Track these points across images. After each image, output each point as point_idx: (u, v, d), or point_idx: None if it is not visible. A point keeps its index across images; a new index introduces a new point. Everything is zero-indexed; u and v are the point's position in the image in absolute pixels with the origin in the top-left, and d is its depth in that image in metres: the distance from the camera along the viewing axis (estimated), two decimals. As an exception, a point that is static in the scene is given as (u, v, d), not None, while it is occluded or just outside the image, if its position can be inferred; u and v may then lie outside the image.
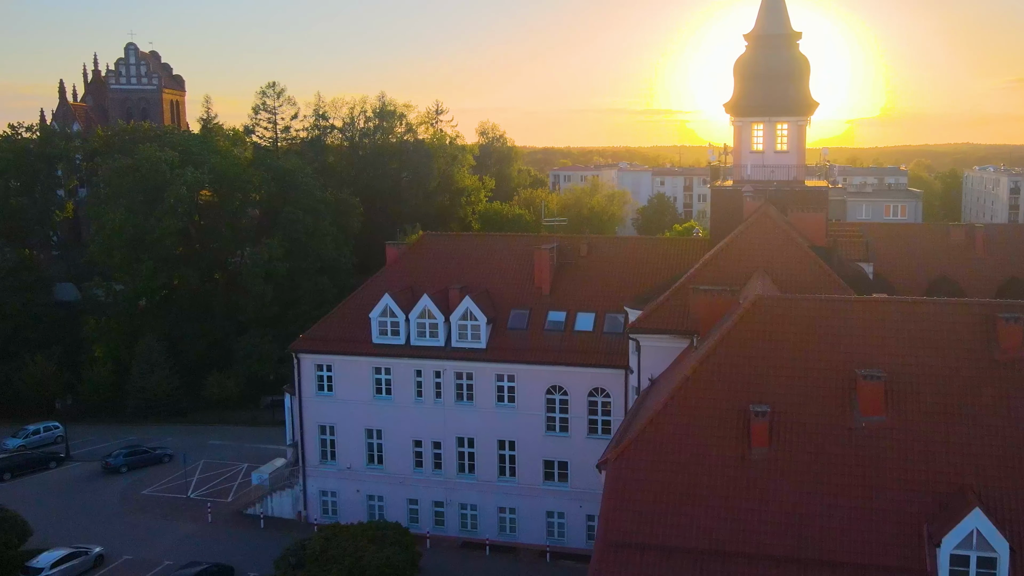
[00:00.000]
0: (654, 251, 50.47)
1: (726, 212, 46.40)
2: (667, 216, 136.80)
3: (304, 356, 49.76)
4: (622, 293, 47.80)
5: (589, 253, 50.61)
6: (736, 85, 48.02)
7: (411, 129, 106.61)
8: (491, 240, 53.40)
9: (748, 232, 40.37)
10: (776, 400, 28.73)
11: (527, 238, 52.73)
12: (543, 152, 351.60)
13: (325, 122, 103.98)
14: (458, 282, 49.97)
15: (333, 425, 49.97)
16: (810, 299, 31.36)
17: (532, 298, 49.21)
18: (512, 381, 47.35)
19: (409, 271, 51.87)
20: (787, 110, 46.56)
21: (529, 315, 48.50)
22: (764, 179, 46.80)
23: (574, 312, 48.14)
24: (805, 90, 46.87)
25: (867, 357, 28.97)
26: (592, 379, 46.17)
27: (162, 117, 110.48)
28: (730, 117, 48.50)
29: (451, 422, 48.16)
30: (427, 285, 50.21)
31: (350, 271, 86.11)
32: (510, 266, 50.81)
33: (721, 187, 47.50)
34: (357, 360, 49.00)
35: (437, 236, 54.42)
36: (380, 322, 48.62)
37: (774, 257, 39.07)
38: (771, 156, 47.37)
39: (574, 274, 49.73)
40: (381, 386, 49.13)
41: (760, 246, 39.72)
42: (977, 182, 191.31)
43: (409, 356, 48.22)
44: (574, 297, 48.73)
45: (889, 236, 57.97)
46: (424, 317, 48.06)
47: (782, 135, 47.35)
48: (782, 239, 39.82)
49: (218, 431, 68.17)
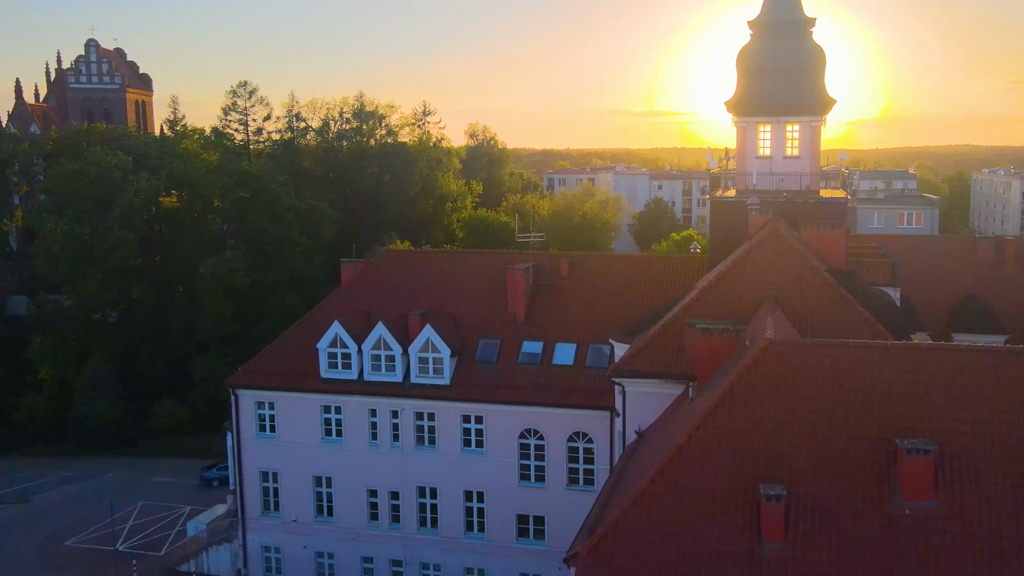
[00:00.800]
0: (645, 271, 44.03)
1: (728, 227, 40.01)
2: (665, 222, 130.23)
3: (243, 392, 43.31)
4: (608, 321, 41.38)
5: (571, 273, 44.21)
6: (739, 80, 41.61)
7: (391, 131, 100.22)
8: (459, 258, 46.93)
9: (754, 253, 33.90)
10: (793, 478, 22.44)
11: (500, 256, 46.33)
12: (542, 154, 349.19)
13: (300, 124, 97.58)
14: (420, 306, 43.59)
15: (276, 471, 43.51)
16: (835, 345, 24.91)
17: (504, 326, 42.81)
18: (480, 423, 40.94)
19: (365, 293, 45.47)
20: (799, 108, 40.13)
21: (500, 346, 42.09)
22: (772, 188, 40.38)
23: (552, 343, 41.74)
24: (820, 85, 40.44)
25: (910, 422, 22.65)
26: (572, 422, 39.76)
27: (126, 118, 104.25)
28: (732, 117, 42.10)
29: (411, 469, 41.72)
30: (385, 310, 43.85)
31: (322, 284, 79.75)
32: (480, 288, 44.42)
33: (722, 198, 41.08)
34: (303, 397, 42.59)
35: (399, 253, 48.10)
36: (329, 353, 42.22)
37: (786, 284, 32.60)
38: (780, 162, 40.95)
39: (553, 298, 43.32)
40: (331, 427, 42.71)
41: (769, 270, 33.24)
42: (986, 185, 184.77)
43: (362, 393, 41.81)
44: (552, 325, 42.33)
45: (908, 250, 51.90)
46: (379, 348, 41.67)
47: (793, 137, 40.93)
48: (795, 261, 33.33)
49: (166, 465, 61.71)
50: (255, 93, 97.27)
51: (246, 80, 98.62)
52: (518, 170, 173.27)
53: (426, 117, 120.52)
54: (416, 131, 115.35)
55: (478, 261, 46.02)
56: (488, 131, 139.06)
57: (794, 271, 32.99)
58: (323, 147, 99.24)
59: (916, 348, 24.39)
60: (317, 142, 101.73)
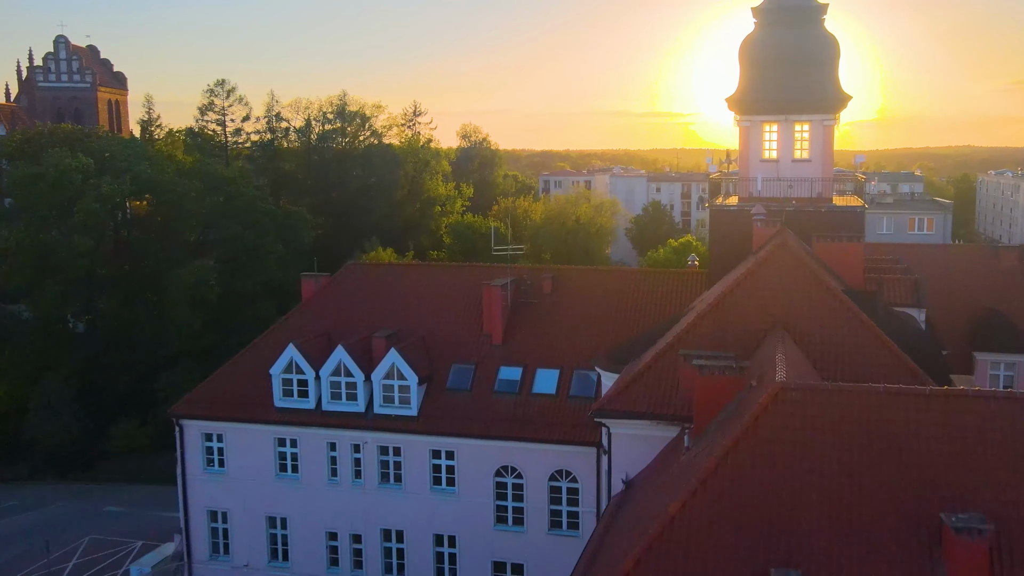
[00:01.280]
0: (637, 287, 39.57)
1: (729, 240, 35.56)
2: (663, 226, 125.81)
3: (188, 423, 38.87)
4: (595, 344, 36.98)
5: (554, 290, 39.76)
6: (742, 74, 37.18)
7: (375, 133, 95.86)
8: (431, 272, 42.38)
9: (760, 270, 29.44)
10: (813, 560, 18.03)
11: (476, 269, 41.82)
12: (541, 155, 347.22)
13: (281, 124, 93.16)
14: (386, 326, 39.15)
15: (226, 511, 39.03)
16: (862, 391, 20.42)
17: (479, 349, 38.35)
18: (452, 459, 36.48)
19: (327, 312, 41.05)
20: (809, 105, 35.70)
21: (474, 372, 37.63)
22: (779, 196, 35.96)
23: (532, 368, 37.29)
24: (833, 79, 35.98)
25: (959, 492, 18.26)
26: (554, 459, 35.31)
27: (97, 118, 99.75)
28: (734, 116, 37.68)
29: (374, 510, 37.27)
30: (347, 330, 39.44)
31: (299, 294, 75.07)
32: (453, 306, 39.99)
33: (722, 207, 36.62)
34: (255, 429, 38.13)
35: (365, 266, 43.65)
36: (283, 380, 37.77)
37: (797, 307, 28.14)
38: (788, 166, 36.52)
39: (534, 318, 38.88)
40: (286, 462, 38.27)
41: (776, 290, 28.79)
42: (993, 188, 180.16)
43: (320, 424, 37.36)
44: (533, 348, 37.89)
45: (923, 260, 47.66)
46: (339, 374, 37.21)
47: (802, 138, 36.48)
48: (807, 280, 28.86)
49: (123, 492, 57.10)
50: (234, 92, 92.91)
51: (224, 78, 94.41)
52: (512, 172, 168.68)
53: (417, 118, 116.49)
54: (406, 132, 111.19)
55: (451, 276, 41.58)
56: (480, 132, 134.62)
57: (806, 292, 28.53)
58: (304, 149, 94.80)
59: (964, 396, 19.88)
60: (301, 143, 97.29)
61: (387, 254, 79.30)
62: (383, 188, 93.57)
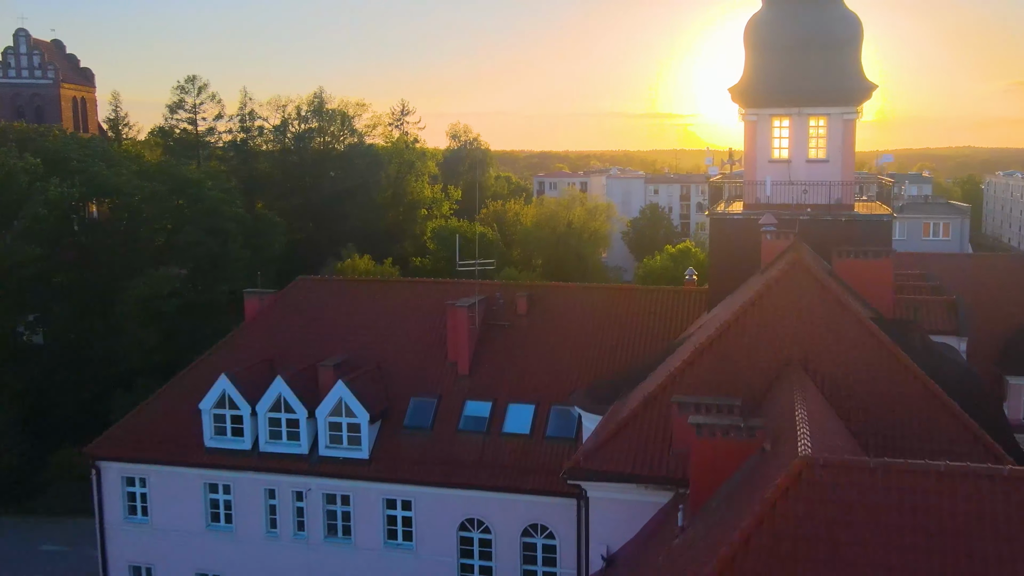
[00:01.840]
0: (627, 307, 34.31)
1: (732, 253, 30.36)
2: (661, 230, 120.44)
3: (106, 465, 33.62)
4: (576, 375, 31.88)
5: (531, 310, 34.52)
6: (748, 60, 31.95)
7: (355, 132, 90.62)
8: (390, 289, 37.00)
9: (771, 294, 24.23)
10: None
11: (441, 286, 36.51)
12: (539, 156, 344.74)
13: (252, 123, 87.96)
14: (337, 352, 33.96)
15: (150, 566, 33.74)
16: (913, 471, 15.23)
17: (443, 380, 33.14)
18: (409, 510, 31.28)
19: (270, 335, 35.82)
20: (827, 96, 30.46)
21: (437, 407, 32.41)
22: (791, 203, 30.73)
23: (504, 403, 32.08)
24: (856, 66, 30.73)
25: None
26: (528, 511, 30.12)
27: (61, 116, 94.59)
28: (738, 109, 32.47)
29: (319, 567, 32.01)
30: (293, 357, 34.27)
31: (269, 306, 69.87)
32: (415, 329, 34.78)
33: (724, 215, 31.40)
34: (182, 472, 32.89)
35: (315, 282, 38.32)
36: (215, 416, 32.55)
37: (817, 341, 22.95)
38: (801, 167, 31.29)
39: (507, 343, 33.65)
40: (218, 511, 33.03)
41: (792, 319, 23.59)
42: (1001, 189, 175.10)
43: (257, 468, 32.13)
44: (505, 379, 32.68)
45: (947, 272, 42.55)
46: (278, 410, 31.98)
47: (819, 135, 31.25)
48: (829, 307, 23.65)
49: (63, 528, 51.73)
50: (205, 89, 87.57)
51: (195, 75, 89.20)
52: (506, 173, 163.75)
53: (404, 117, 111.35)
54: (393, 132, 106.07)
55: (413, 293, 36.31)
56: (470, 132, 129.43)
57: (828, 321, 23.33)
58: (281, 149, 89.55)
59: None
60: (277, 143, 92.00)
61: (364, 261, 74.09)
62: (364, 190, 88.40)
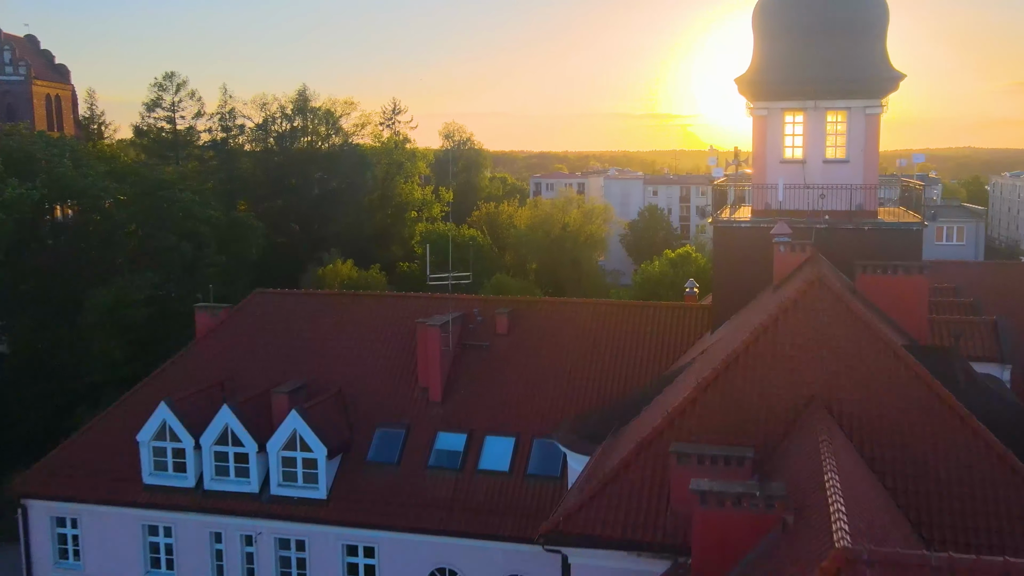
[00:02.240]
0: (619, 326, 30.52)
1: (739, 267, 26.59)
2: (660, 233, 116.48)
3: (34, 504, 29.93)
4: (561, 403, 28.16)
5: (512, 329, 30.75)
6: (757, 47, 28.20)
7: (340, 131, 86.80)
8: (356, 304, 33.16)
9: (788, 318, 20.47)
10: None
11: (413, 301, 32.68)
12: (538, 157, 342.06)
13: (233, 122, 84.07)
14: (295, 375, 30.24)
15: (84, 617, 30.12)
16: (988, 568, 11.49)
17: (412, 407, 29.41)
18: (371, 557, 27.56)
19: (222, 355, 32.09)
20: (848, 87, 26.70)
21: (405, 439, 28.69)
22: (806, 209, 26.99)
23: (480, 434, 28.36)
24: (880, 53, 26.98)
25: None
26: (506, 561, 26.41)
27: (33, 114, 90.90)
28: (746, 103, 28.74)
29: (272, 621, 28.33)
30: (247, 380, 30.56)
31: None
32: (382, 350, 31.05)
33: (729, 223, 27.60)
34: (119, 512, 29.17)
35: (274, 296, 34.51)
36: (155, 449, 28.84)
37: (844, 374, 19.21)
38: (818, 168, 27.53)
39: (484, 367, 29.91)
40: (158, 555, 29.30)
41: (813, 348, 19.83)
42: (1008, 191, 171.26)
43: (202, 509, 28.42)
44: (482, 407, 28.96)
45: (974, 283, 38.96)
46: (225, 443, 28.27)
47: (838, 132, 27.50)
48: (857, 334, 19.89)
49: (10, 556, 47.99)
50: (184, 86, 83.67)
51: (173, 71, 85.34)
52: (501, 174, 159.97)
53: (396, 116, 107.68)
54: (385, 131, 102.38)
55: (382, 308, 32.51)
56: (464, 131, 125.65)
57: (856, 352, 19.59)
58: (263, 149, 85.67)
59: None
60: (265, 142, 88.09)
61: (347, 267, 70.29)
62: (350, 192, 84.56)
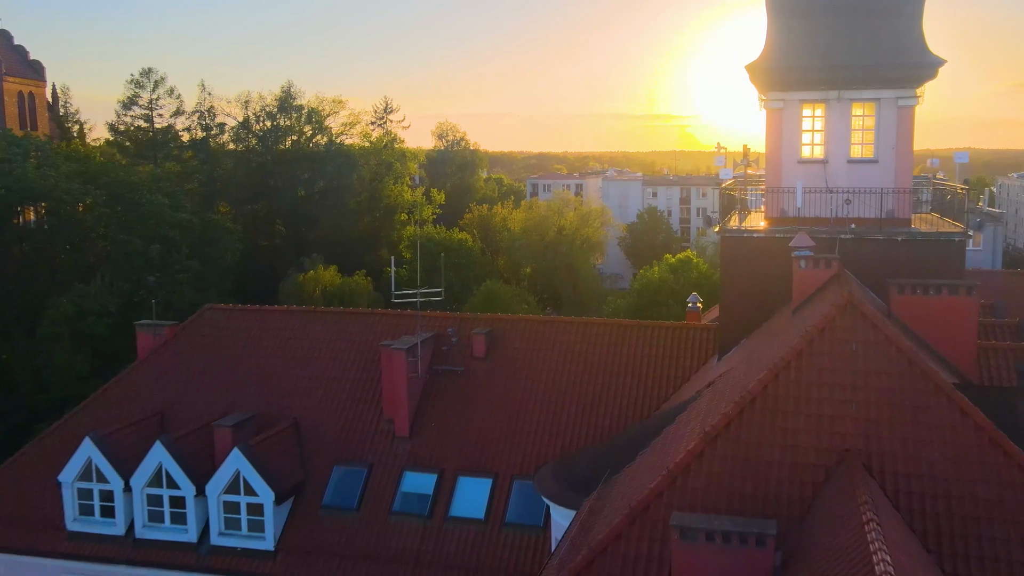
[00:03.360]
0: (612, 349, 26.78)
1: (750, 283, 22.90)
2: (660, 235, 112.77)
3: (-57, 551, 26.25)
4: (545, 439, 24.49)
5: (490, 352, 27.05)
6: (771, 30, 24.51)
7: (325, 130, 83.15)
8: (316, 321, 29.39)
9: (816, 351, 16.80)
10: None
11: (381, 320, 28.89)
12: (537, 157, 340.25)
13: (213, 120, 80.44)
14: (243, 405, 26.57)
15: None
16: None
17: (376, 442, 25.72)
18: (326, 618, 23.87)
19: (162, 381, 28.39)
20: (879, 75, 23.04)
21: (367, 479, 25.00)
22: (830, 216, 23.30)
23: (452, 475, 24.68)
24: (916, 34, 23.30)
25: None
26: (480, 626, 22.71)
27: (4, 112, 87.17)
28: (758, 96, 25.06)
29: None
30: (190, 410, 26.89)
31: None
32: (343, 375, 27.36)
33: (739, 233, 23.87)
34: (39, 564, 25.49)
35: (225, 312, 30.74)
36: (79, 492, 25.16)
37: (886, 423, 15.56)
38: (842, 170, 23.86)
39: (459, 395, 26.21)
40: (84, 613, 25.66)
41: (847, 389, 16.18)
42: (1016, 192, 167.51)
43: (132, 561, 24.73)
44: (455, 443, 25.27)
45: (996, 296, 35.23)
46: (159, 485, 24.59)
47: (865, 126, 23.83)
48: (901, 370, 16.23)
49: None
50: (162, 83, 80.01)
51: (150, 67, 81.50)
52: (497, 175, 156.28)
53: (388, 115, 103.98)
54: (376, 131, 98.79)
55: (345, 327, 28.79)
56: (458, 131, 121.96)
57: (901, 393, 15.94)
58: (245, 148, 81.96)
59: None
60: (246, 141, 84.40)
61: (330, 273, 66.56)
62: (336, 194, 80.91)
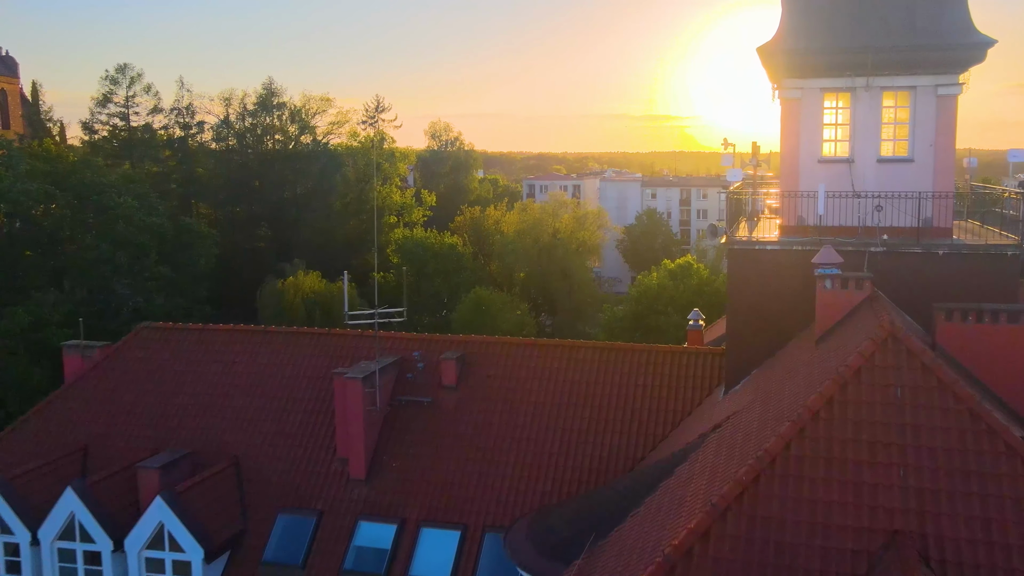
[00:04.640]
0: (600, 376, 23.20)
1: (763, 306, 19.39)
2: (659, 238, 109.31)
3: None
4: (523, 484, 20.98)
5: (461, 380, 23.49)
6: (788, 10, 20.97)
7: (309, 128, 79.78)
8: (265, 343, 25.83)
9: (851, 397, 13.32)
10: None
11: (337, 341, 25.32)
12: (537, 158, 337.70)
13: (192, 118, 77.08)
14: (177, 440, 23.06)
15: None
16: None
17: (327, 486, 22.19)
18: None
19: (87, 412, 24.85)
20: (915, 59, 19.54)
21: (314, 530, 21.48)
22: (857, 226, 19.78)
23: (414, 525, 21.15)
24: (961, 11, 19.79)
25: None
26: None
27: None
28: (772, 86, 21.53)
29: None
30: (114, 448, 23.37)
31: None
32: (292, 405, 23.84)
33: (751, 245, 20.33)
34: (-64, 625, 22.05)
35: (163, 331, 27.01)
36: (-19, 543, 21.67)
37: (944, 492, 12.07)
38: (871, 171, 20.34)
39: (424, 432, 22.67)
40: None
41: (892, 448, 12.68)
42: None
43: (41, 625, 21.26)
44: (418, 488, 21.72)
45: None
46: (71, 538, 21.08)
47: (899, 119, 20.32)
48: (961, 424, 12.74)
49: None
50: (139, 80, 76.60)
51: (126, 63, 78.10)
52: (493, 175, 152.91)
53: (380, 114, 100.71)
54: (367, 130, 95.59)
55: (297, 349, 25.24)
56: (451, 131, 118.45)
57: (959, 454, 12.45)
58: (224, 148, 78.63)
59: None
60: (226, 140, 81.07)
61: (311, 279, 63.00)
62: (321, 195, 77.58)
